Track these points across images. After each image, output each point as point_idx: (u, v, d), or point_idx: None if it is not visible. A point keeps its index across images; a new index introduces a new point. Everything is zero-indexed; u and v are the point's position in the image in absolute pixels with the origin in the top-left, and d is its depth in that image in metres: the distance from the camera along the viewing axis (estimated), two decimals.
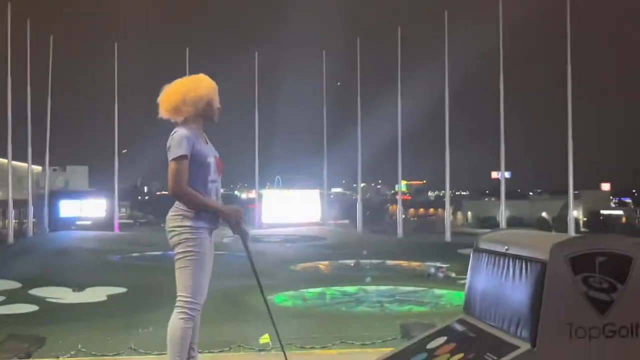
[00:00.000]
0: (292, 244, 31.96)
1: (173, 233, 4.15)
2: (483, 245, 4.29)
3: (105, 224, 36.37)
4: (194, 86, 4.34)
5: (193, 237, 4.13)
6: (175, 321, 4.02)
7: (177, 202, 4.16)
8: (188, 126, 4.23)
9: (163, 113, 4.29)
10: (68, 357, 7.03)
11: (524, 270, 3.60)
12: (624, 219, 63.07)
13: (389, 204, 77.70)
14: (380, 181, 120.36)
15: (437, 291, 17.36)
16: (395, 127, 35.86)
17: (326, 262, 24.35)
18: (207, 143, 4.34)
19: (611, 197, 79.46)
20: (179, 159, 4.08)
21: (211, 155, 4.28)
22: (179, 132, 4.17)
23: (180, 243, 4.13)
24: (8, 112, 30.66)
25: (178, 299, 4.05)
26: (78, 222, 37.73)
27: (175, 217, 4.15)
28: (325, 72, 40.02)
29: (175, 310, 4.04)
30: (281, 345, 4.47)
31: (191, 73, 4.47)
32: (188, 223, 4.14)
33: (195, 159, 4.16)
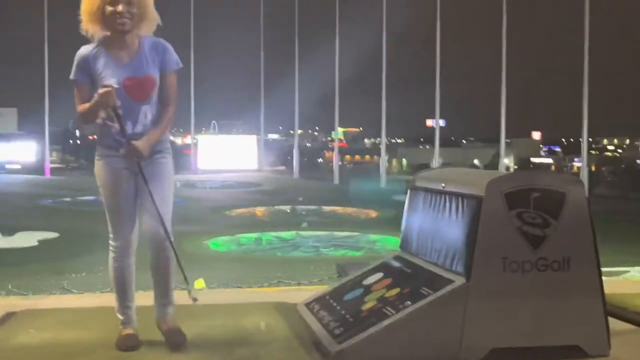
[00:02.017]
0: (227, 189, 31.84)
1: None
2: (420, 183, 4.31)
3: (36, 168, 35.47)
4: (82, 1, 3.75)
5: (97, 168, 3.83)
6: (109, 260, 3.87)
7: None
8: (97, 41, 3.76)
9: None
10: None
11: (460, 206, 3.64)
12: (553, 167, 64.92)
13: (325, 151, 77.98)
14: (317, 128, 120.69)
15: (372, 236, 17.55)
16: (333, 74, 35.76)
17: (262, 208, 24.32)
18: (130, 60, 3.74)
19: (541, 146, 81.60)
20: (73, 83, 3.75)
21: (111, 77, 3.66)
22: (78, 51, 3.78)
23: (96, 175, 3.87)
24: None
25: None
26: (7, 166, 36.70)
27: None
28: (262, 15, 39.39)
29: None
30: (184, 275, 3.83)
31: None
32: (95, 153, 3.85)
33: (94, 81, 3.70)
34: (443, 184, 3.92)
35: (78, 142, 75.92)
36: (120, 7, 3.63)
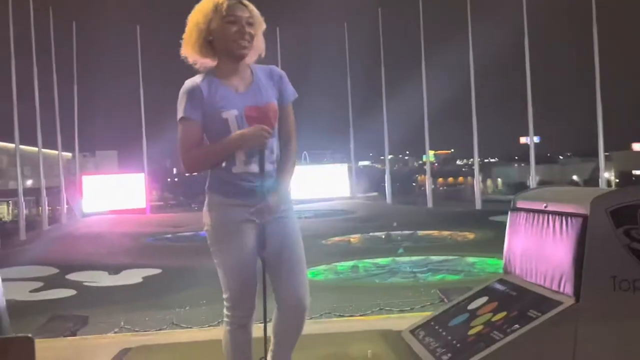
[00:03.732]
0: (322, 218, 32.06)
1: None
2: (520, 204, 4.26)
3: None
4: (190, 16, 3.19)
5: (209, 220, 3.19)
6: (224, 333, 3.34)
7: None
8: (206, 71, 3.20)
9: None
10: (112, 334, 7.14)
11: (564, 226, 3.57)
12: None
13: (417, 175, 77.51)
14: (407, 152, 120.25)
15: (470, 259, 17.29)
16: (421, 97, 35.64)
17: (357, 235, 24.36)
18: (246, 88, 3.17)
19: None
20: (179, 122, 3.14)
21: (231, 108, 3.09)
22: (183, 86, 3.18)
23: (206, 231, 3.24)
24: (35, 100, 30.97)
25: None
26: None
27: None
28: (347, 44, 39.76)
29: None
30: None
31: None
32: (208, 201, 3.22)
33: (207, 115, 3.11)
34: (545, 204, 3.86)
35: (176, 179, 78.28)
36: (245, 27, 3.13)
